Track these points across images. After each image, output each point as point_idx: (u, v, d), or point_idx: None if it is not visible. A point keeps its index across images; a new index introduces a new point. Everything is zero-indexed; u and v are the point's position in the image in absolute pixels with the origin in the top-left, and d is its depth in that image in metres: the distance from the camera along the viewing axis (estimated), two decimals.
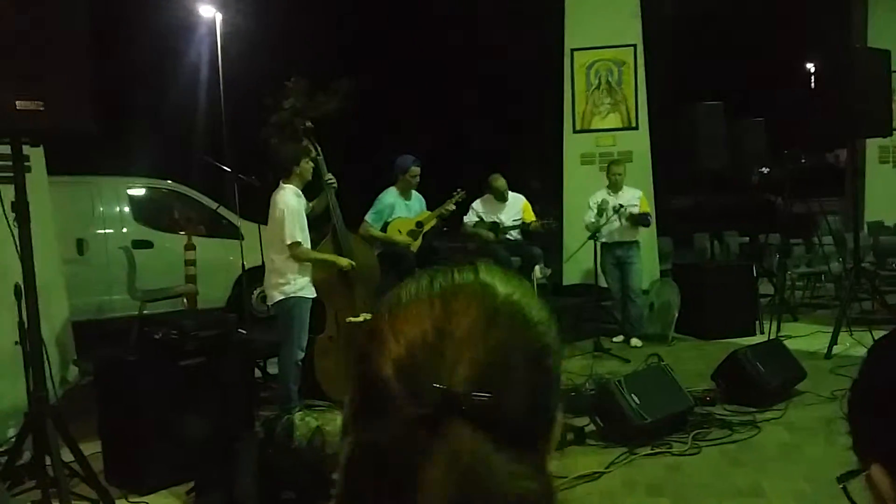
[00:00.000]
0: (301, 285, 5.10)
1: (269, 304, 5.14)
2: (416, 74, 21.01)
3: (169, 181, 9.74)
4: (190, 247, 7.73)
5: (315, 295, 5.21)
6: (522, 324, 0.67)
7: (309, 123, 5.53)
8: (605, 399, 4.52)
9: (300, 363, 5.13)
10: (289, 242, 4.95)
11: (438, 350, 0.63)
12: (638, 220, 7.15)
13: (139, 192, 9.43)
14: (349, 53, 21.39)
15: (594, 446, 4.44)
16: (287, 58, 22.52)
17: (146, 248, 8.74)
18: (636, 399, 4.41)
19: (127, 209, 9.03)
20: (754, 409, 4.92)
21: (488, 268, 0.72)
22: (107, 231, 8.79)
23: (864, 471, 0.81)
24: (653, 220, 7.74)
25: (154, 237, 8.94)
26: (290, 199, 5.01)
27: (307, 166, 5.16)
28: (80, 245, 8.45)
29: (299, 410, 4.76)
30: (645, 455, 4.26)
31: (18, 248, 3.45)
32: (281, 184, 5.13)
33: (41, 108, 2.95)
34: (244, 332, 4.49)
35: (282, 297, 5.05)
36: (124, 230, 8.84)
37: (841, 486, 0.82)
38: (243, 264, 6.99)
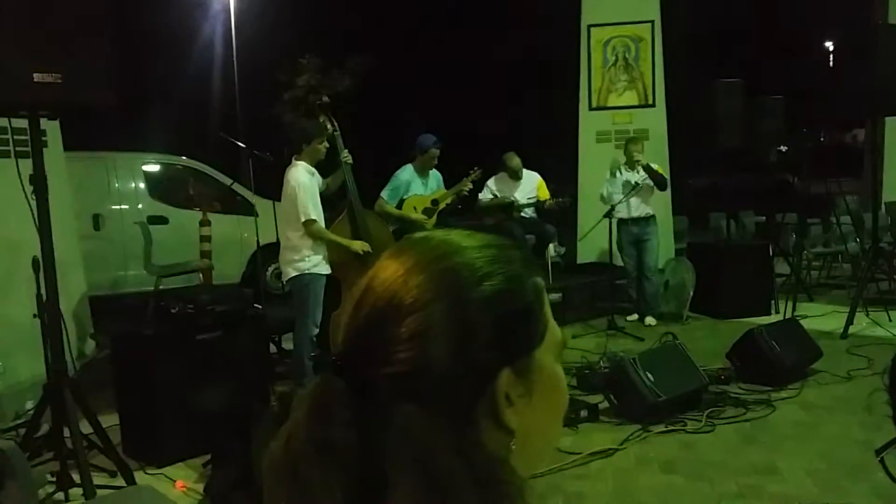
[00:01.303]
0: (315, 262, 5.10)
1: (284, 280, 5.15)
2: (431, 51, 20.89)
3: (184, 157, 9.76)
4: (205, 223, 7.78)
5: (330, 271, 5.22)
6: (447, 273, 0.66)
7: (326, 98, 5.50)
8: (619, 376, 4.52)
9: (315, 339, 5.15)
10: (303, 220, 4.95)
11: (358, 304, 0.67)
12: (654, 173, 7.03)
13: (154, 168, 9.46)
14: (364, 30, 21.29)
15: (608, 423, 4.44)
16: (301, 34, 22.45)
17: (161, 223, 8.78)
18: (650, 377, 4.41)
19: (142, 185, 9.07)
20: (769, 388, 4.91)
21: (453, 229, 0.73)
22: (122, 207, 8.84)
23: None
24: (668, 191, 7.66)
25: (169, 213, 8.98)
26: (302, 177, 5.00)
27: (320, 146, 5.14)
28: (97, 220, 8.51)
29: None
30: (659, 433, 4.27)
31: (36, 222, 3.47)
32: (293, 160, 5.13)
33: (59, 81, 2.95)
34: (259, 307, 4.49)
35: (296, 274, 5.06)
36: (140, 206, 8.88)
37: (879, 458, 0.82)
38: (258, 240, 7.01)
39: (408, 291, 0.65)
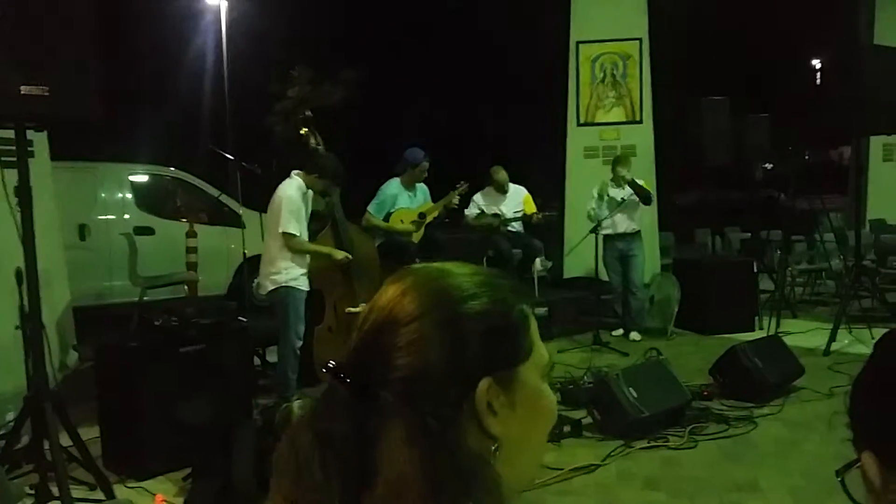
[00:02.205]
0: (293, 276, 5.07)
1: (263, 293, 5.14)
2: (419, 65, 20.96)
3: (172, 168, 9.73)
4: (191, 234, 7.75)
5: (309, 287, 5.20)
6: (439, 292, 0.75)
7: (308, 113, 5.52)
8: (602, 392, 4.54)
9: (298, 352, 5.14)
10: (280, 231, 4.94)
11: (362, 323, 0.78)
12: (639, 189, 7.07)
13: (141, 178, 9.44)
14: (353, 43, 21.35)
15: (591, 438, 4.45)
16: (292, 46, 22.48)
17: (148, 234, 8.76)
18: (634, 392, 4.42)
19: (129, 195, 9.04)
20: (752, 405, 4.93)
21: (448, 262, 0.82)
22: (109, 217, 8.80)
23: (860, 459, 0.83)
24: (654, 207, 7.71)
25: (156, 224, 8.95)
26: (291, 191, 5.02)
27: (324, 184, 5.16)
28: (82, 231, 8.47)
29: (298, 399, 4.75)
30: (641, 448, 4.28)
31: (20, 233, 3.46)
32: (292, 173, 5.13)
33: (46, 94, 2.95)
34: (244, 319, 4.49)
35: (273, 287, 5.05)
36: (126, 216, 8.85)
37: (839, 478, 0.83)
38: (244, 252, 7.00)
39: (403, 307, 0.75)
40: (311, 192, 5.19)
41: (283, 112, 28.15)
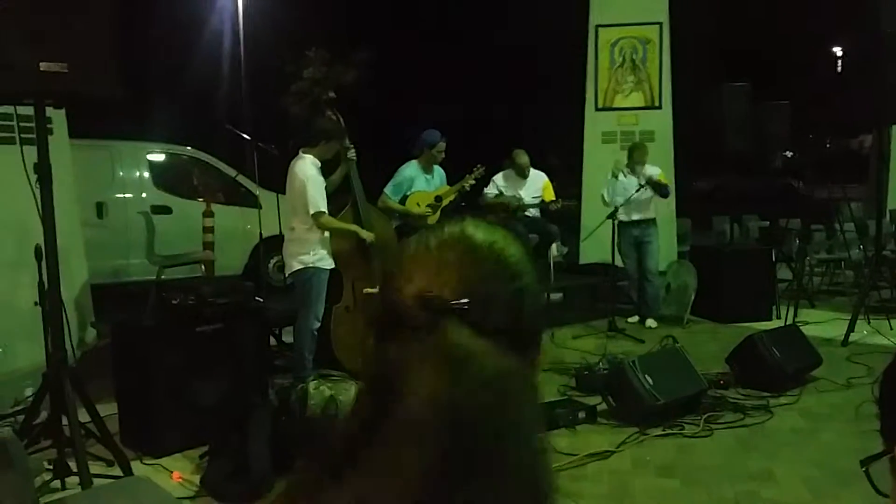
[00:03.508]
0: (320, 255, 5.12)
1: (288, 272, 5.16)
2: (437, 47, 20.81)
3: (189, 147, 9.74)
4: (208, 213, 7.76)
5: (333, 266, 5.24)
6: (498, 261, 0.85)
7: (332, 94, 5.50)
8: (618, 379, 4.52)
9: (316, 333, 5.16)
10: (313, 212, 4.96)
11: (435, 281, 0.81)
12: (656, 185, 7.05)
13: (159, 157, 9.45)
14: (369, 24, 21.24)
15: (606, 425, 4.44)
16: (309, 26, 22.39)
17: (165, 213, 8.80)
18: (649, 380, 4.41)
19: (147, 174, 9.06)
20: (768, 394, 4.90)
21: (473, 221, 0.90)
22: (126, 195, 8.84)
23: (888, 454, 0.82)
24: (672, 195, 7.66)
25: (173, 203, 8.98)
26: (310, 170, 5.02)
27: (335, 147, 5.16)
28: (100, 209, 8.51)
29: (314, 380, 4.80)
30: (656, 436, 4.26)
31: (40, 210, 3.47)
32: (301, 153, 5.14)
33: (65, 70, 2.95)
34: (261, 299, 4.50)
35: (300, 267, 5.07)
36: (143, 195, 8.88)
37: (864, 469, 0.82)
38: (261, 233, 7.01)
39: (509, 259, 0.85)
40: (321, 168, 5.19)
41: (298, 92, 28.14)
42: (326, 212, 5.03)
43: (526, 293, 0.85)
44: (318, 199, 4.97)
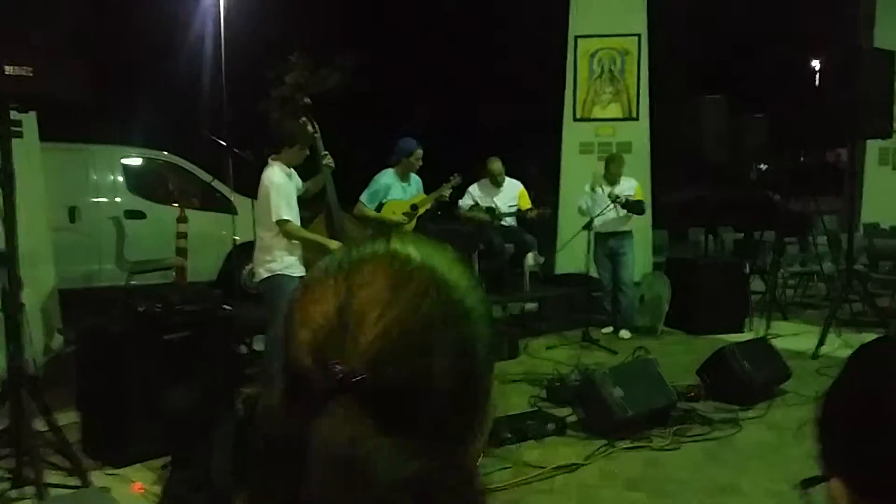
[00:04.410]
0: (288, 263, 5.05)
1: (256, 280, 5.10)
2: (414, 57, 20.85)
3: (165, 152, 9.65)
4: (182, 219, 7.68)
5: (304, 273, 5.18)
6: (434, 289, 0.63)
7: (307, 100, 5.47)
8: (588, 390, 4.52)
9: None
10: (276, 219, 4.91)
11: (341, 325, 0.60)
12: (633, 206, 7.09)
13: (134, 161, 9.36)
14: (350, 31, 21.25)
15: (575, 437, 4.43)
16: (291, 30, 22.34)
17: (139, 218, 8.72)
18: (620, 391, 4.40)
19: (121, 178, 8.97)
20: (737, 407, 4.91)
21: (403, 236, 0.68)
22: (99, 200, 8.74)
23: (828, 479, 0.81)
24: (647, 209, 7.69)
25: (147, 208, 8.89)
26: (276, 177, 4.96)
27: (301, 151, 5.11)
28: (72, 213, 8.42)
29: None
30: (625, 448, 4.26)
31: (2, 215, 3.42)
32: (270, 160, 5.09)
33: (30, 74, 2.90)
34: (229, 307, 4.45)
35: (268, 275, 5.01)
36: (117, 199, 8.79)
37: (804, 491, 0.81)
38: (234, 239, 6.96)
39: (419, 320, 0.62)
40: (294, 174, 5.14)
41: (279, 98, 28.05)
42: (291, 219, 4.96)
43: (474, 347, 0.64)
44: (281, 206, 4.90)
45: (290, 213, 5.00)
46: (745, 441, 4.40)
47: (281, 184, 4.96)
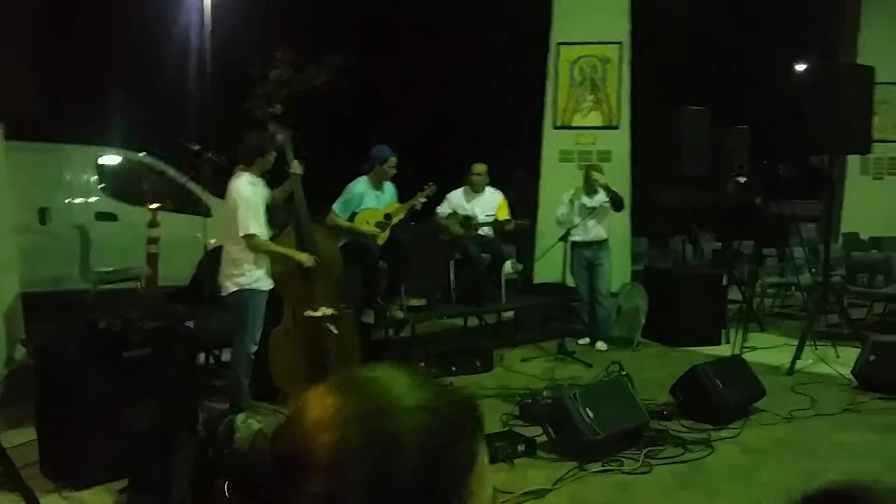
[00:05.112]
0: (256, 277, 4.97)
1: (224, 294, 5.00)
2: (393, 62, 20.69)
3: (143, 153, 9.48)
4: (154, 224, 7.56)
5: (272, 286, 5.09)
6: (385, 413, 0.67)
7: (278, 107, 5.36)
8: (558, 412, 4.44)
9: (252, 356, 5.01)
10: (242, 234, 4.81)
11: (292, 446, 0.67)
12: (613, 195, 6.98)
13: (109, 162, 9.19)
14: (336, 30, 21.10)
15: (545, 459, 4.35)
16: (278, 28, 22.15)
17: (110, 220, 8.58)
18: (590, 413, 4.33)
19: (94, 178, 8.80)
20: (710, 427, 4.86)
21: (396, 370, 0.73)
22: (72, 201, 8.57)
23: None
24: (626, 213, 7.61)
25: (120, 210, 8.74)
26: (244, 189, 4.87)
27: (269, 157, 5.03)
28: (43, 214, 8.26)
29: (242, 412, 4.66)
30: (595, 472, 4.18)
31: None
32: (237, 171, 4.99)
33: None
34: (191, 324, 4.34)
35: (236, 289, 4.93)
36: (90, 201, 8.64)
37: None
38: (206, 244, 6.84)
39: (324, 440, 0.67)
40: (261, 183, 5.04)
41: (264, 95, 27.84)
42: (258, 234, 4.87)
43: (434, 461, 0.67)
44: (249, 220, 4.81)
45: (258, 227, 4.90)
46: (717, 464, 4.34)
47: (248, 196, 4.87)
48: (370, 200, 6.40)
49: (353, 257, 6.14)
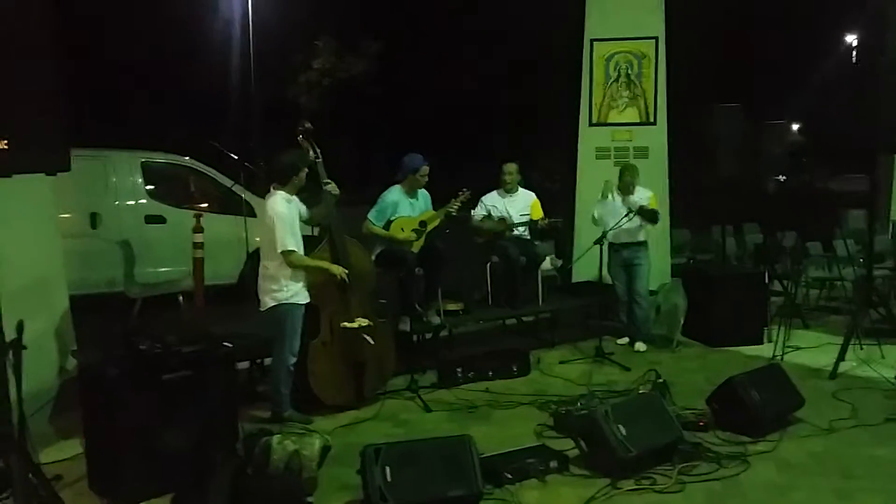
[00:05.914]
0: (294, 291, 5.11)
1: (262, 309, 5.13)
2: (425, 64, 20.62)
3: (187, 157, 9.71)
4: (198, 229, 7.74)
5: (308, 300, 5.21)
6: None
7: (308, 125, 5.44)
8: (591, 428, 4.44)
9: (292, 368, 5.15)
10: (280, 251, 4.96)
11: None
12: (646, 214, 6.96)
13: (155, 166, 9.43)
14: (371, 20, 21.11)
15: (577, 476, 4.36)
16: (318, 18, 22.29)
17: (159, 223, 8.85)
18: (622, 430, 4.33)
19: (140, 180, 9.04)
20: (747, 440, 4.82)
21: None
22: (121, 205, 8.83)
23: None
24: (662, 218, 7.53)
25: (168, 213, 9.00)
26: (279, 206, 5.00)
27: (303, 175, 5.14)
28: (94, 219, 8.54)
29: (282, 422, 4.82)
30: (628, 490, 4.18)
31: None
32: (272, 189, 5.11)
33: (5, 147, 2.89)
34: (229, 345, 4.46)
35: (274, 304, 5.07)
36: (141, 202, 8.90)
37: None
38: (247, 249, 6.98)
39: None
40: (295, 199, 5.16)
41: (307, 83, 28.12)
42: (295, 249, 5.01)
43: None
44: (286, 237, 4.96)
45: (294, 243, 5.04)
46: (752, 482, 4.30)
47: (284, 214, 5.00)
48: (405, 208, 6.46)
49: (389, 265, 6.22)
